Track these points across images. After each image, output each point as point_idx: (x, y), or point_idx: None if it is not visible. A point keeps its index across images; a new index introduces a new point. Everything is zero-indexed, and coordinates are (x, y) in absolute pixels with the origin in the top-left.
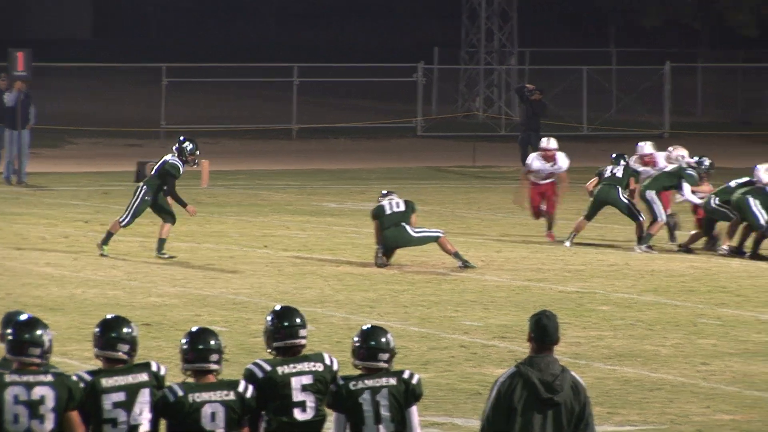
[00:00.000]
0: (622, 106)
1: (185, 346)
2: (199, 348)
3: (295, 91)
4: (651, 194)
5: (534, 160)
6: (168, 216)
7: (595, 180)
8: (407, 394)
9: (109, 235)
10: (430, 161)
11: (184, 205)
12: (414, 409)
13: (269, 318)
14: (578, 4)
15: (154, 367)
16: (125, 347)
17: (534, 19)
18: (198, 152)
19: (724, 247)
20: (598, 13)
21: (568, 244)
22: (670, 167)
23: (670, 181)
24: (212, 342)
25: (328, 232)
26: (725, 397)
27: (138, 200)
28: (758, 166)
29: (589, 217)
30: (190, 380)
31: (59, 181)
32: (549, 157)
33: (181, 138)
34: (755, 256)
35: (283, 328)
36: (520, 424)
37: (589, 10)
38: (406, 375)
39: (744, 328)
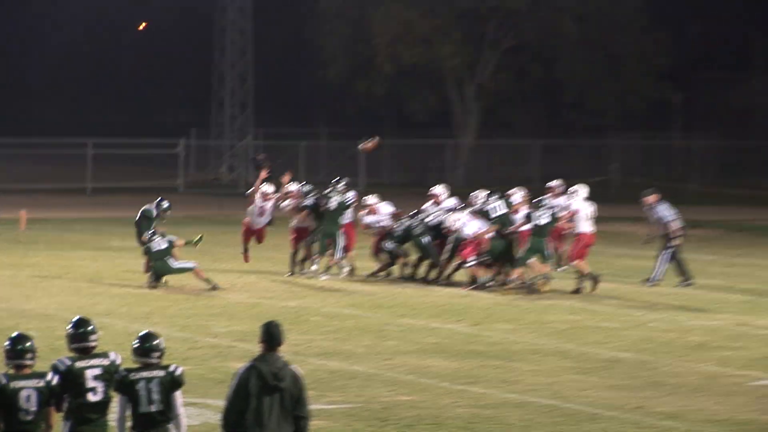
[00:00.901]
0: (329, 171)
1: (8, 347)
2: (18, 349)
3: (89, 159)
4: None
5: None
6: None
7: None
8: (173, 383)
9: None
10: (189, 211)
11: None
12: (178, 393)
13: (69, 326)
14: (298, 97)
15: None
16: None
17: (266, 107)
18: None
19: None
20: (311, 104)
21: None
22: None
23: (339, 217)
24: (28, 344)
25: (113, 263)
26: (405, 384)
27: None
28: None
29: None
30: (12, 372)
31: None
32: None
33: (159, 198)
34: (428, 281)
35: (79, 334)
36: (254, 405)
37: (305, 101)
38: (172, 368)
39: (419, 333)
